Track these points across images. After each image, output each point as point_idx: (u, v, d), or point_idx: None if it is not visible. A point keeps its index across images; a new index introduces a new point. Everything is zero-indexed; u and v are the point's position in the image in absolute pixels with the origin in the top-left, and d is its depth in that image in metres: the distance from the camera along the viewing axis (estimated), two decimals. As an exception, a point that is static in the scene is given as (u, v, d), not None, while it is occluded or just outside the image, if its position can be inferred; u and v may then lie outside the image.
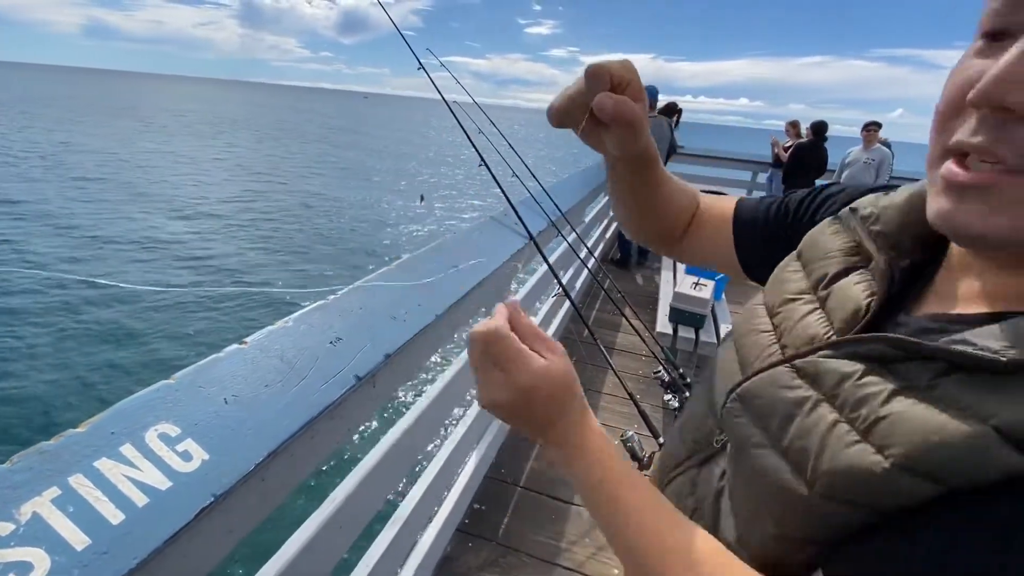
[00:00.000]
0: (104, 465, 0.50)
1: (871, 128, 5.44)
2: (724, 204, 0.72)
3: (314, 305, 0.85)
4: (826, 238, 0.53)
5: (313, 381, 0.71)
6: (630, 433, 1.51)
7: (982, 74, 0.32)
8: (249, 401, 0.64)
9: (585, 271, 3.49)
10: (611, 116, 0.49)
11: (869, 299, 0.44)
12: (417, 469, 1.46)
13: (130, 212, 10.53)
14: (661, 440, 1.49)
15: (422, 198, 14.84)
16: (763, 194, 7.22)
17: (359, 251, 9.63)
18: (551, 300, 2.85)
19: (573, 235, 2.62)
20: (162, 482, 0.51)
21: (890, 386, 0.36)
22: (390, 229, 11.43)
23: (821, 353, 0.42)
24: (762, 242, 0.66)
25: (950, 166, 0.35)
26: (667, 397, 1.68)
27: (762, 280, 0.62)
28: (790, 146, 6.21)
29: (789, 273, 0.55)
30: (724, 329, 2.81)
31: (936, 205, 0.37)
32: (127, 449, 0.52)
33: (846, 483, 0.35)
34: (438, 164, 23.91)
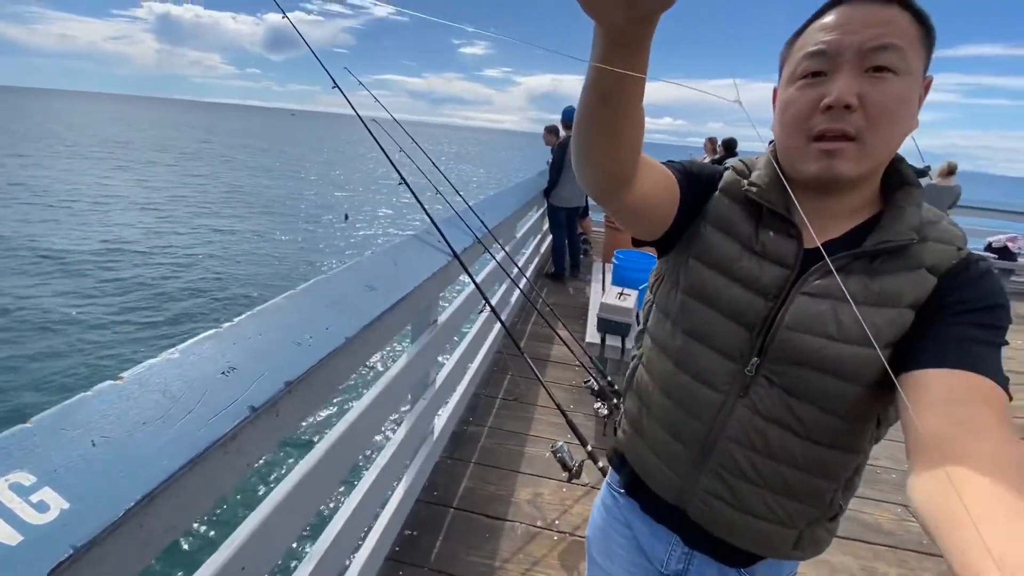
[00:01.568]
0: (-64, 525, 0.45)
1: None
2: (658, 164, 0.72)
3: (205, 334, 0.81)
4: (728, 206, 0.74)
5: (200, 415, 0.68)
6: (560, 444, 1.53)
7: (822, 95, 0.61)
8: (122, 442, 0.59)
9: (521, 283, 3.53)
10: None
11: (796, 241, 0.68)
12: (339, 497, 1.41)
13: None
14: (589, 447, 1.53)
15: (347, 217, 14.44)
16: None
17: (278, 276, 9.08)
18: (484, 315, 2.86)
19: (505, 251, 2.65)
20: (11, 537, 0.47)
21: (864, 277, 0.63)
22: (311, 250, 10.95)
23: (814, 279, 0.66)
24: (693, 204, 0.75)
25: (824, 144, 0.62)
26: (596, 405, 1.72)
27: (666, 246, 0.78)
28: (708, 161, 6.63)
29: (715, 239, 0.73)
30: (650, 337, 2.91)
31: (818, 165, 0.63)
32: (-33, 504, 0.47)
33: (888, 330, 0.61)
34: (367, 182, 23.44)
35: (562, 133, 5.01)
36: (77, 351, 5.61)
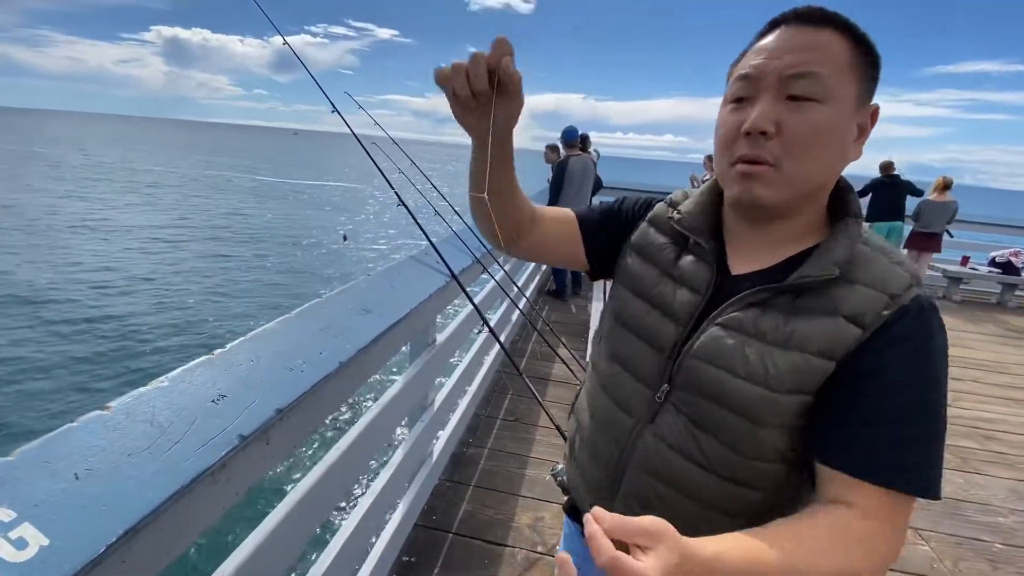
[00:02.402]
0: (-90, 565, 0.44)
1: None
2: (560, 210, 0.86)
3: (196, 361, 0.80)
4: (653, 235, 0.77)
5: (188, 445, 0.67)
6: (560, 466, 1.51)
7: (743, 121, 0.61)
8: (107, 474, 0.58)
9: (521, 302, 3.52)
10: (516, 77, 0.58)
11: (710, 268, 0.68)
12: (335, 523, 1.38)
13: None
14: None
15: (345, 237, 14.50)
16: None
17: (273, 298, 8.99)
18: (484, 335, 2.84)
19: (504, 270, 2.65)
20: (-14, 577, 0.46)
21: (784, 313, 0.60)
22: (308, 272, 10.93)
23: (731, 310, 0.63)
24: (606, 237, 0.83)
25: (742, 167, 0.61)
26: (597, 427, 1.70)
27: (596, 272, 0.86)
28: (708, 178, 6.66)
29: (637, 267, 0.76)
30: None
31: (739, 189, 0.63)
32: (-57, 543, 0.46)
33: (791, 377, 0.58)
34: (366, 202, 23.61)
35: (562, 152, 5.05)
36: (75, 375, 5.61)
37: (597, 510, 0.46)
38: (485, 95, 0.59)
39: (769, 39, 0.60)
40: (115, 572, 0.56)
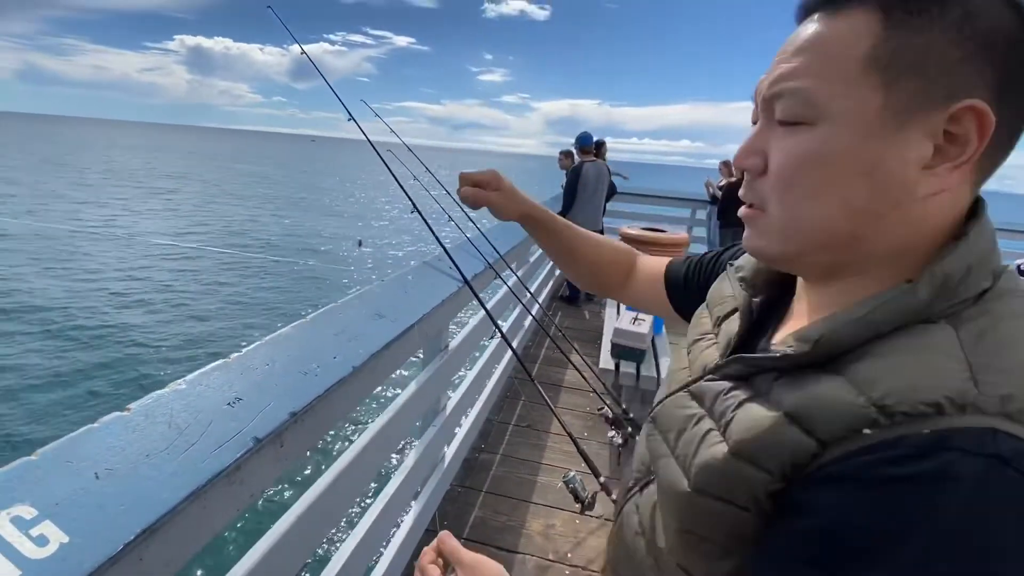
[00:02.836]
0: (-62, 559, 0.46)
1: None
2: (656, 264, 0.87)
3: (213, 364, 0.82)
4: (721, 286, 0.65)
5: (204, 446, 0.68)
6: (572, 473, 1.50)
7: None
8: (125, 474, 0.60)
9: (534, 307, 3.52)
10: (470, 203, 0.86)
11: (740, 328, 0.55)
12: (346, 527, 1.39)
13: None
14: (602, 479, 1.49)
15: (360, 243, 14.66)
16: (703, 229, 7.50)
17: (288, 304, 9.14)
18: (497, 340, 2.85)
19: (517, 276, 2.66)
20: (10, 571, 0.47)
21: (744, 395, 0.44)
22: (323, 278, 11.06)
23: (707, 377, 0.51)
24: (688, 293, 0.79)
25: (742, 210, 0.50)
26: (611, 434, 1.69)
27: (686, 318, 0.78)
28: (723, 184, 6.60)
29: (701, 318, 0.66)
30: (664, 362, 2.88)
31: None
32: (-31, 539, 0.48)
33: (706, 475, 0.43)
34: (382, 209, 23.83)
35: (576, 157, 5.06)
36: (91, 379, 5.73)
37: (444, 534, 0.59)
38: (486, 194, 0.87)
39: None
40: (133, 570, 0.58)
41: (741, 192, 0.48)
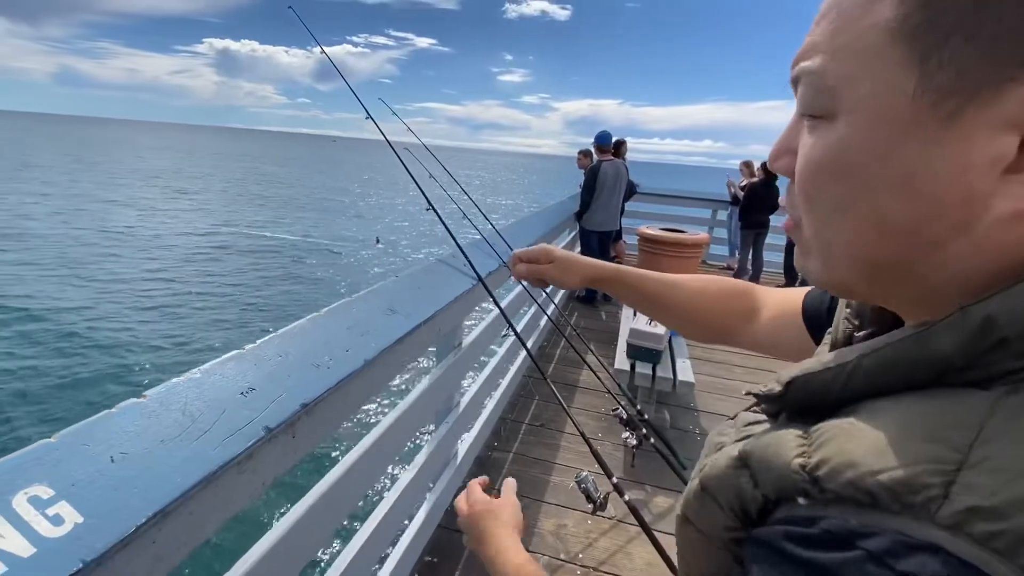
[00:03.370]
0: (-41, 534, 0.47)
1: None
2: (786, 298, 0.72)
3: (228, 355, 0.83)
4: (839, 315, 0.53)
5: (217, 434, 0.69)
6: (584, 473, 1.49)
7: None
8: (140, 458, 0.61)
9: (550, 307, 3.52)
10: (529, 281, 0.91)
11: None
12: (358, 519, 1.41)
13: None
14: (615, 479, 1.48)
15: (378, 240, 14.79)
16: (723, 230, 7.38)
17: (305, 299, 9.27)
18: (511, 340, 2.85)
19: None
20: (25, 549, 0.49)
21: (747, 433, 0.38)
22: (341, 274, 11.19)
23: (751, 406, 0.43)
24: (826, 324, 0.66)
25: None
26: (625, 435, 1.67)
27: None
28: (745, 185, 6.50)
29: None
30: (680, 363, 2.84)
31: None
32: (-11, 515, 0.49)
33: (687, 502, 0.39)
34: (400, 207, 24.03)
35: (595, 157, 5.03)
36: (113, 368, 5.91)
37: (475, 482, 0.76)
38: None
39: None
40: (145, 552, 0.59)
41: (782, 199, 0.39)
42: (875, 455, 0.26)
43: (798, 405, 0.34)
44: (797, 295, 0.69)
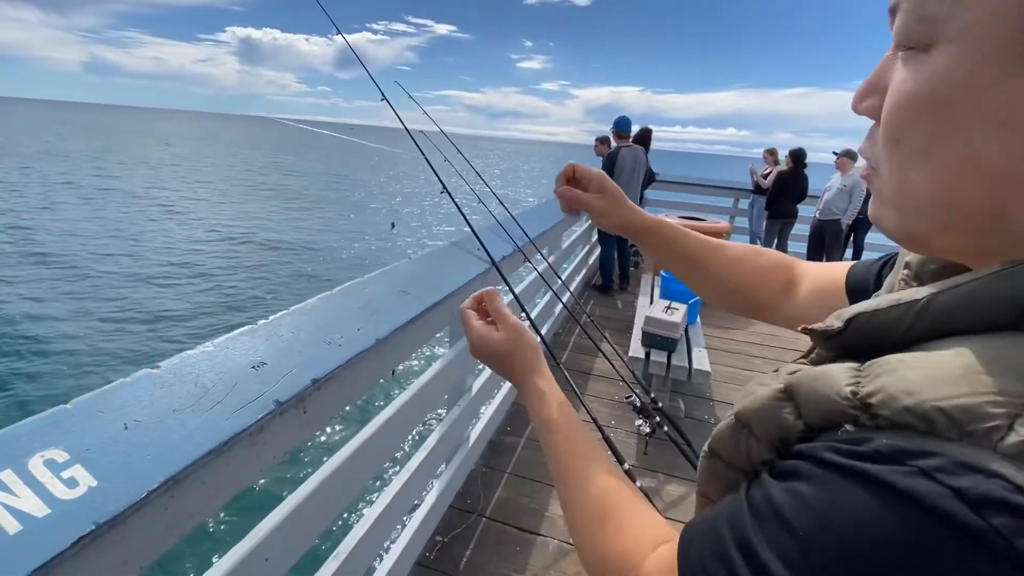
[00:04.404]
0: (-23, 492, 0.49)
1: (843, 156, 5.60)
2: (829, 272, 0.68)
3: (241, 330, 0.85)
4: (894, 277, 0.50)
5: (228, 406, 0.71)
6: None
7: None
8: (152, 426, 0.63)
9: (565, 294, 3.50)
10: (565, 203, 0.72)
11: None
12: (369, 497, 1.43)
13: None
14: (626, 466, 1.48)
15: (393, 225, 14.86)
16: (744, 219, 7.21)
17: (319, 280, 9.44)
18: (525, 324, 2.84)
19: (548, 262, 2.64)
20: (39, 509, 0.50)
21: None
22: (355, 257, 11.34)
23: (798, 359, 0.43)
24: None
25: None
26: (638, 422, 1.66)
27: None
28: (768, 173, 6.35)
29: None
30: (697, 352, 2.81)
31: None
32: (6, 475, 0.51)
33: (718, 437, 0.38)
34: (416, 193, 24.10)
35: (613, 143, 4.96)
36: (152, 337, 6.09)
37: (491, 290, 0.67)
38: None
39: None
40: (157, 518, 0.61)
41: (860, 146, 0.37)
42: (937, 384, 0.25)
43: (855, 345, 0.32)
44: (839, 269, 0.66)
